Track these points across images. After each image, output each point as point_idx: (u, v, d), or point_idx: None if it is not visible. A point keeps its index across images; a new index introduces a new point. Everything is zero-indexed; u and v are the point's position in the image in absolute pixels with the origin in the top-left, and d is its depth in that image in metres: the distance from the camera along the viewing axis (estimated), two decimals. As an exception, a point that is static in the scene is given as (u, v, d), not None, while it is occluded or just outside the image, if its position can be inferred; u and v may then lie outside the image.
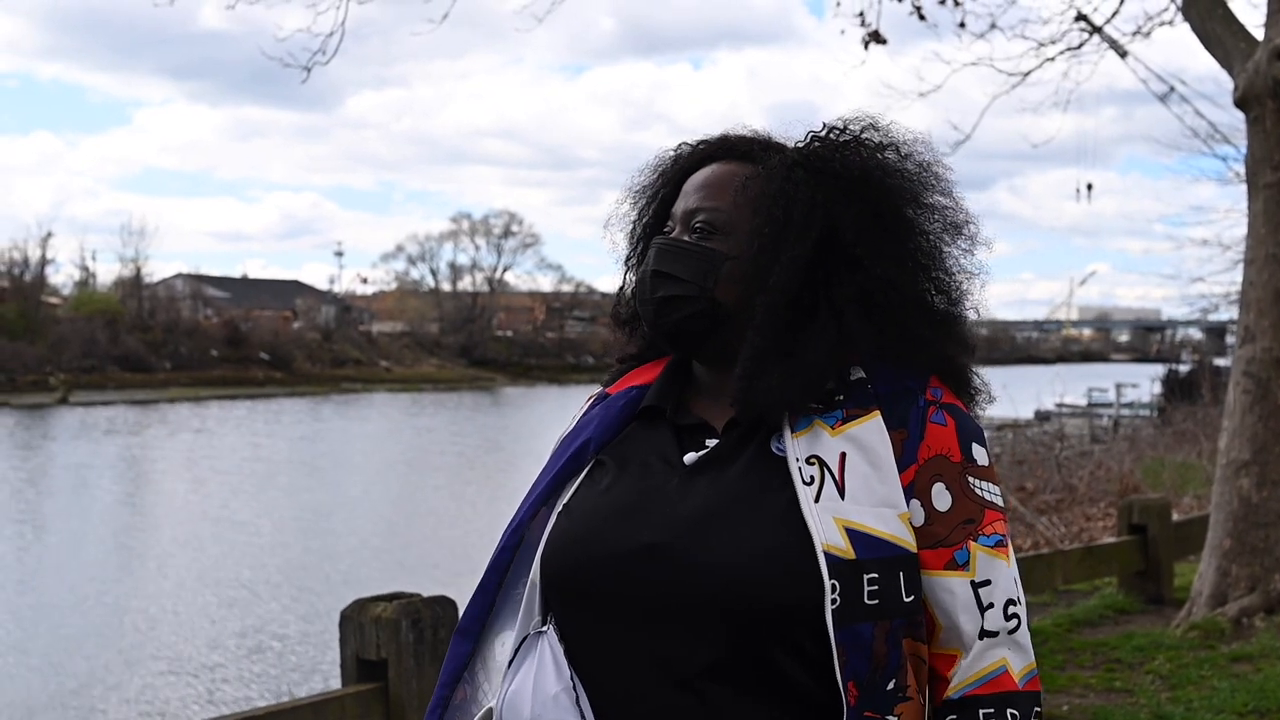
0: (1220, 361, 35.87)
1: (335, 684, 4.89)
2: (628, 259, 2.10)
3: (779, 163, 1.94)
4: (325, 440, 46.66)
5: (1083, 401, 46.40)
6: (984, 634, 1.80)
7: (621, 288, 2.12)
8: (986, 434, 1.93)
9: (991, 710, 1.78)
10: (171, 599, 18.40)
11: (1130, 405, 43.25)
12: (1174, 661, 7.76)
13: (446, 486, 32.20)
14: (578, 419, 2.06)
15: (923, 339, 1.91)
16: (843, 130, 1.97)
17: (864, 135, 1.97)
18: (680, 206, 1.98)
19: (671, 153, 2.07)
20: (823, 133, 1.98)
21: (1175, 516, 10.38)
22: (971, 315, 1.99)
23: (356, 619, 4.64)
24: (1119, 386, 45.67)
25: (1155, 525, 9.58)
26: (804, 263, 1.87)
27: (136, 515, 27.49)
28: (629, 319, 2.11)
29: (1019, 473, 18.45)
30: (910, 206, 1.94)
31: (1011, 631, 1.81)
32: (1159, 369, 41.52)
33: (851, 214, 1.89)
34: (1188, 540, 10.02)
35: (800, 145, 1.98)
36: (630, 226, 2.10)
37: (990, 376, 2.03)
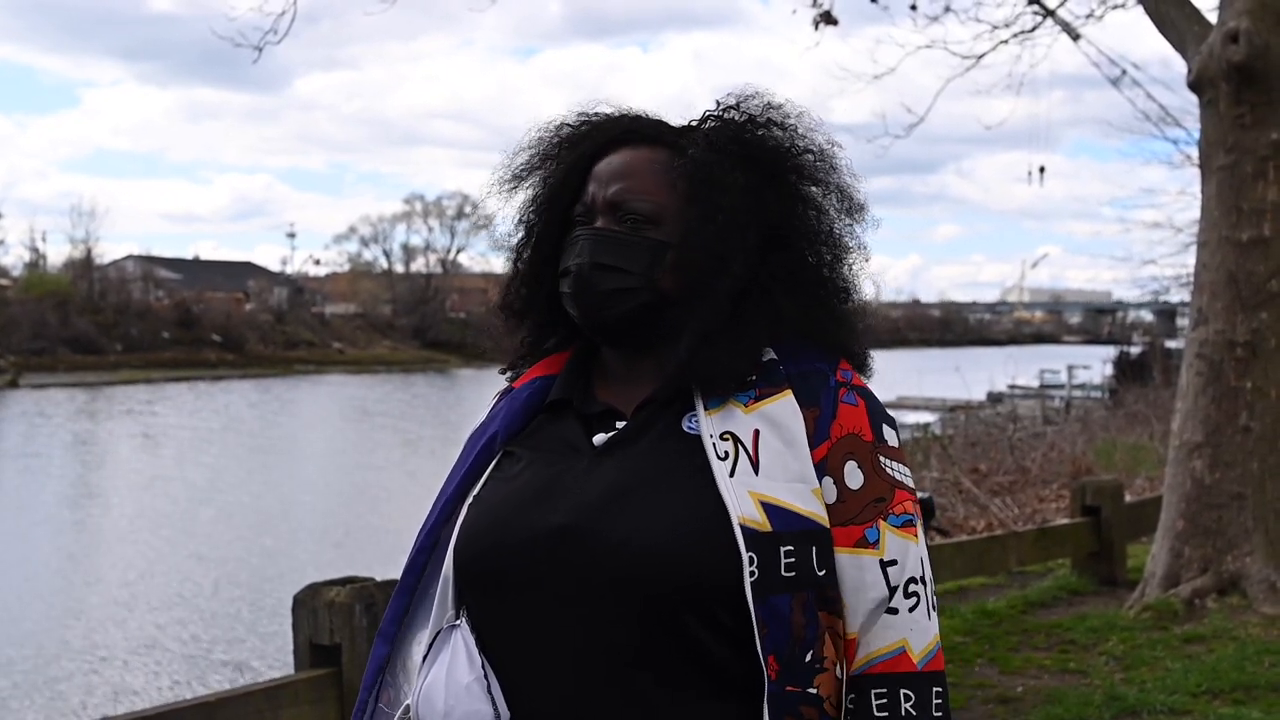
0: (1171, 343, 36.16)
1: (289, 669, 4.83)
2: (519, 247, 2.05)
3: (703, 147, 1.92)
4: (278, 423, 46.37)
5: (1035, 383, 46.73)
6: (886, 612, 1.80)
7: (513, 277, 2.07)
8: (939, 415, 1.93)
9: (884, 690, 1.78)
10: (124, 583, 18.24)
11: (1082, 387, 43.58)
12: (1127, 642, 7.81)
13: (399, 469, 32.06)
14: (486, 415, 2.05)
15: (837, 315, 1.95)
16: (739, 109, 1.97)
17: (767, 115, 1.97)
18: (598, 195, 1.93)
19: (552, 132, 2.02)
20: (720, 113, 1.97)
21: (1128, 498, 10.46)
22: (868, 290, 2.03)
23: (309, 603, 4.57)
24: (1070, 368, 46.04)
25: (1108, 507, 9.64)
26: (756, 246, 1.89)
27: (87, 500, 27.24)
28: (523, 309, 2.06)
29: (972, 454, 18.52)
30: (819, 186, 1.97)
31: (912, 610, 1.81)
32: (1110, 351, 41.81)
33: (775, 195, 1.92)
34: (1140, 521, 10.09)
35: (708, 127, 1.97)
36: (521, 213, 2.05)
37: (943, 358, 2.03)
